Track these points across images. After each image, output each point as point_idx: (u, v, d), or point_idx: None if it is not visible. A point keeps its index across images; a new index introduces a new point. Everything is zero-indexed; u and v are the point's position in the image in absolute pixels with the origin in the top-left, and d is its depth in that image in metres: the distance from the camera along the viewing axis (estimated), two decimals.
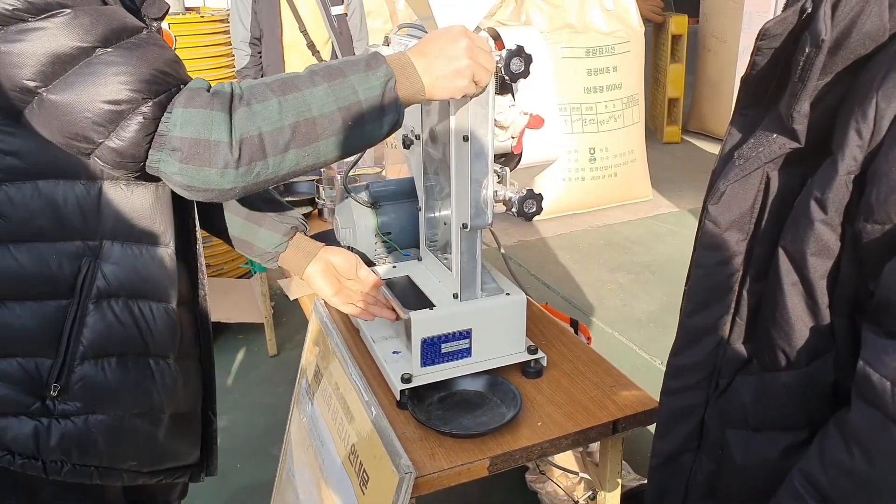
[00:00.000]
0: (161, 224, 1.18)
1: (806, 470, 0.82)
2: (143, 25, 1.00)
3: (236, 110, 0.97)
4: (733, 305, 0.96)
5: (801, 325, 0.85)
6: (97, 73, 0.92)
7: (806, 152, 0.86)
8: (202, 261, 1.32)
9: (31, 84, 0.92)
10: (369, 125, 1.06)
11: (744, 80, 0.94)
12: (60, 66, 0.92)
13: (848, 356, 0.84)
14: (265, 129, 0.98)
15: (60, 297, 1.10)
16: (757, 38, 0.88)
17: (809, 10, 0.81)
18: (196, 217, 1.29)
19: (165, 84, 0.97)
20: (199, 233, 1.32)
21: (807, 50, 0.80)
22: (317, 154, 1.04)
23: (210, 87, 0.99)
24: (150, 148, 0.96)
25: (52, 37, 0.91)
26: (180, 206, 1.23)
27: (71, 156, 1.03)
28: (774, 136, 0.88)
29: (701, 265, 0.97)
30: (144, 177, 1.01)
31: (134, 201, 1.13)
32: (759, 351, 0.93)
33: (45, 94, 0.92)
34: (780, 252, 0.86)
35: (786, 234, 0.86)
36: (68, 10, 0.92)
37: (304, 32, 3.67)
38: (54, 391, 1.11)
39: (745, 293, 0.94)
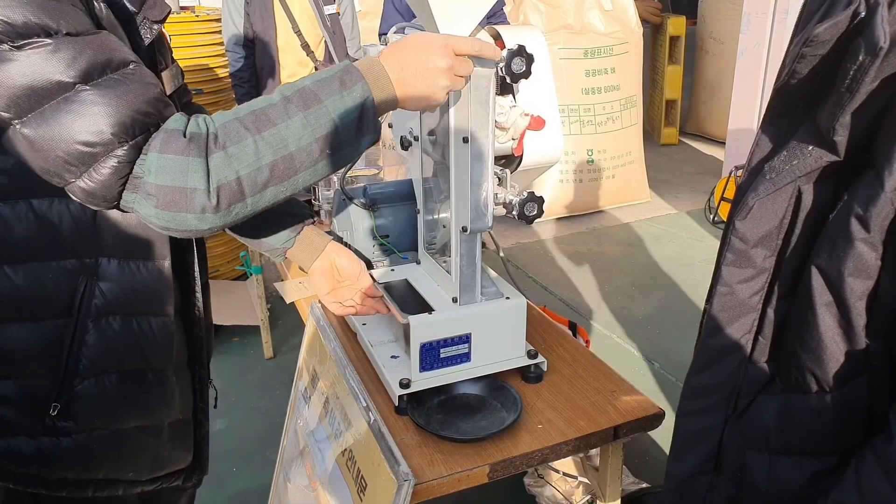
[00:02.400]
0: (158, 239, 1.16)
1: (840, 499, 0.78)
2: (132, 59, 0.96)
3: (213, 154, 0.94)
4: (756, 324, 0.92)
5: (833, 347, 0.81)
6: (74, 111, 0.88)
7: (841, 165, 0.82)
8: (201, 265, 1.31)
9: (5, 115, 0.88)
10: (347, 149, 1.03)
11: (779, 89, 0.89)
12: (36, 100, 0.87)
13: (883, 379, 0.80)
14: (243, 172, 0.95)
15: (57, 317, 1.09)
16: (801, 45, 0.81)
17: (863, 14, 0.75)
18: None
19: (143, 126, 0.92)
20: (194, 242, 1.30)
21: (860, 58, 0.74)
22: (294, 185, 1.01)
23: (187, 126, 0.95)
24: (123, 189, 0.93)
25: (30, 68, 0.86)
26: None
27: None
28: (810, 148, 0.83)
29: (725, 283, 0.93)
30: (119, 209, 0.97)
31: (130, 218, 1.11)
32: (784, 371, 0.89)
33: (18, 126, 0.88)
34: (814, 270, 0.82)
35: (820, 252, 0.82)
36: (49, 42, 0.87)
37: (298, 33, 3.64)
38: (54, 411, 1.09)
39: (769, 311, 0.90)
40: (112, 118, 0.89)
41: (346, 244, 1.68)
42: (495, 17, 3.68)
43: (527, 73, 1.19)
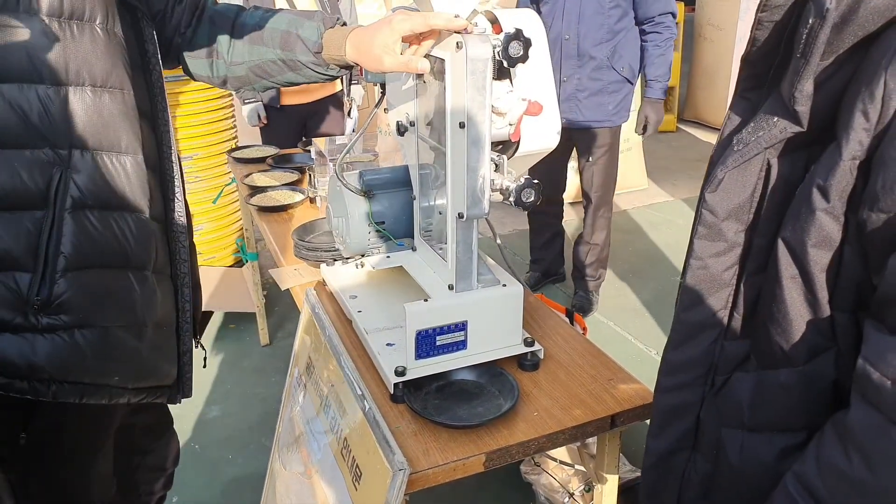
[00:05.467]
0: (128, 133, 1.17)
1: (801, 473, 0.77)
2: None
3: None
4: (731, 299, 0.92)
5: (799, 320, 0.81)
6: None
7: (810, 138, 0.81)
8: (177, 174, 1.31)
9: None
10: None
11: (744, 59, 0.89)
12: None
13: (850, 354, 0.79)
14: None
15: (34, 209, 1.08)
16: (757, 10, 0.82)
17: None
18: (170, 130, 1.27)
19: None
20: (175, 145, 1.30)
21: (810, 21, 0.74)
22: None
23: None
24: None
25: None
26: (151, 116, 1.24)
27: (34, 58, 1.03)
28: (775, 119, 0.82)
29: (697, 257, 0.92)
30: None
31: (102, 109, 1.12)
32: (758, 347, 0.89)
33: None
34: (780, 243, 0.82)
35: (786, 225, 0.82)
36: None
37: None
38: (36, 305, 1.08)
39: (742, 286, 0.90)
40: None
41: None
42: (650, 22, 3.16)
43: (524, 57, 1.17)
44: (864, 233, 0.74)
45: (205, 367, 1.43)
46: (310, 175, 2.64)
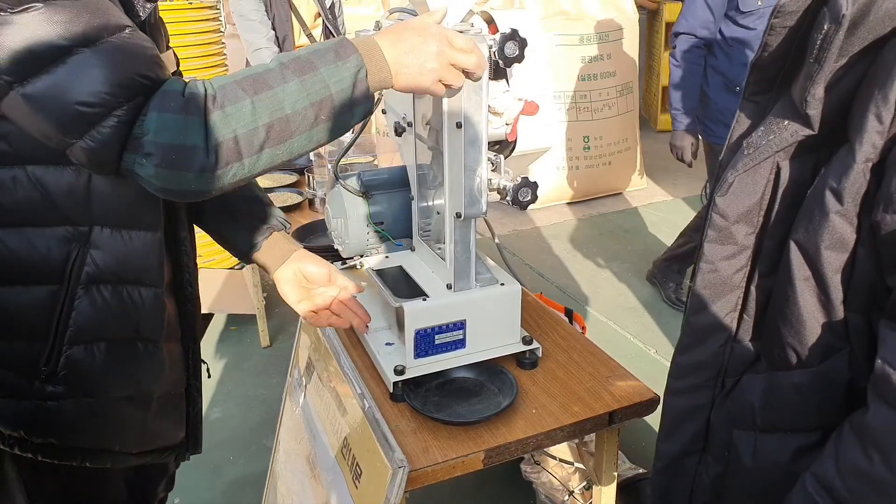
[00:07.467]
0: (152, 210, 1.17)
1: (820, 474, 0.78)
2: (127, 24, 0.97)
3: (211, 113, 0.96)
4: (741, 302, 0.92)
5: (812, 321, 0.82)
6: (73, 74, 0.90)
7: (819, 140, 0.82)
8: (189, 244, 1.31)
9: (6, 78, 0.89)
10: (341, 116, 1.05)
11: (754, 64, 0.90)
12: (36, 64, 0.89)
13: (863, 354, 0.80)
14: (240, 131, 0.97)
15: (50, 283, 1.09)
16: (770, 17, 0.83)
17: None
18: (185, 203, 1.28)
19: (143, 88, 0.94)
20: (187, 216, 1.31)
21: (825, 27, 0.75)
22: (290, 150, 1.03)
23: (185, 87, 0.98)
24: (123, 151, 0.94)
25: (28, 32, 0.87)
26: None
27: None
28: (786, 122, 0.83)
29: (708, 260, 0.93)
30: (119, 175, 0.99)
31: (124, 187, 1.11)
32: (769, 349, 0.90)
33: (18, 89, 0.90)
34: (792, 245, 0.82)
35: (798, 227, 0.82)
36: (43, 5, 0.88)
37: (310, 35, 3.65)
38: (42, 375, 1.11)
39: (752, 289, 0.91)
40: (110, 79, 0.91)
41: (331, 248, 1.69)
42: None
43: (520, 58, 1.18)
44: (878, 234, 0.74)
45: (209, 377, 1.45)
46: (308, 177, 2.65)
